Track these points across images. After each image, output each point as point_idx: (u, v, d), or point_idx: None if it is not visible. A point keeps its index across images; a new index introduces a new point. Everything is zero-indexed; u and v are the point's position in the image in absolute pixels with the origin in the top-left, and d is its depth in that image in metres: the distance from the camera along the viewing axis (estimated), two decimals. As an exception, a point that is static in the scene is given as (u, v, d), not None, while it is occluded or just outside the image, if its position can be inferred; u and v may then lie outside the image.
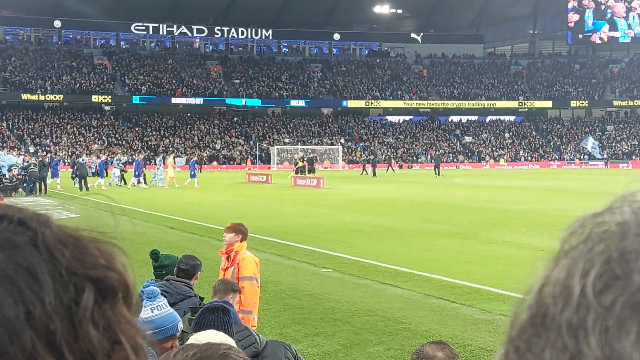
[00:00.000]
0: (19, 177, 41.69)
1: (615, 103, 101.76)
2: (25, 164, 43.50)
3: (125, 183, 48.35)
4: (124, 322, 0.75)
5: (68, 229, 0.77)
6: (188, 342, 3.57)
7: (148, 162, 60.22)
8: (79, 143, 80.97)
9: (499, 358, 0.64)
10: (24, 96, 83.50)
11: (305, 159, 63.32)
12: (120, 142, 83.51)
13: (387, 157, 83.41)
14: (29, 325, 0.68)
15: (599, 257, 0.59)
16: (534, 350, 0.60)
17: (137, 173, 47.47)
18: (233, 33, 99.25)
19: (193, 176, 47.41)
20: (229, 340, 3.61)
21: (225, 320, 4.88)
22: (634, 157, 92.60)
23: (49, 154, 64.45)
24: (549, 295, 0.61)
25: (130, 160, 56.47)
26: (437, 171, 63.72)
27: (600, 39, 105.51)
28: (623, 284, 0.57)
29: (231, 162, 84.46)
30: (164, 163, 49.80)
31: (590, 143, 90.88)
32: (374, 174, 63.25)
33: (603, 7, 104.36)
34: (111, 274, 0.75)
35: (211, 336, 3.63)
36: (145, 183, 47.97)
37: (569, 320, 0.58)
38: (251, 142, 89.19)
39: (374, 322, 11.27)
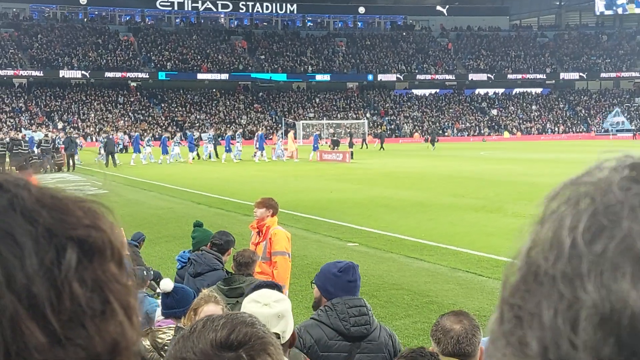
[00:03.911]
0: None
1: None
2: (38, 139, 43.83)
3: (218, 157, 49.10)
4: (113, 281, 0.74)
5: (49, 190, 0.76)
6: (246, 300, 3.62)
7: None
8: (105, 119, 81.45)
9: (494, 319, 0.67)
10: (51, 73, 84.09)
11: (335, 135, 64.56)
12: (146, 118, 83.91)
13: (362, 132, 77.67)
14: (10, 290, 0.68)
15: (585, 212, 0.61)
16: (528, 305, 0.61)
17: (261, 147, 48.25)
18: (258, 8, 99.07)
19: (315, 149, 50.09)
20: (284, 298, 3.66)
21: None
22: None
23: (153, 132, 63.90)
24: (539, 253, 0.62)
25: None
26: (432, 144, 63.95)
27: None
28: (611, 233, 0.59)
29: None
30: (285, 138, 51.22)
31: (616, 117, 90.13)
32: (382, 146, 64.12)
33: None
34: (95, 232, 0.74)
35: (266, 291, 3.69)
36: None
37: (563, 271, 0.59)
38: (276, 117, 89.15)
39: (400, 296, 11.31)
